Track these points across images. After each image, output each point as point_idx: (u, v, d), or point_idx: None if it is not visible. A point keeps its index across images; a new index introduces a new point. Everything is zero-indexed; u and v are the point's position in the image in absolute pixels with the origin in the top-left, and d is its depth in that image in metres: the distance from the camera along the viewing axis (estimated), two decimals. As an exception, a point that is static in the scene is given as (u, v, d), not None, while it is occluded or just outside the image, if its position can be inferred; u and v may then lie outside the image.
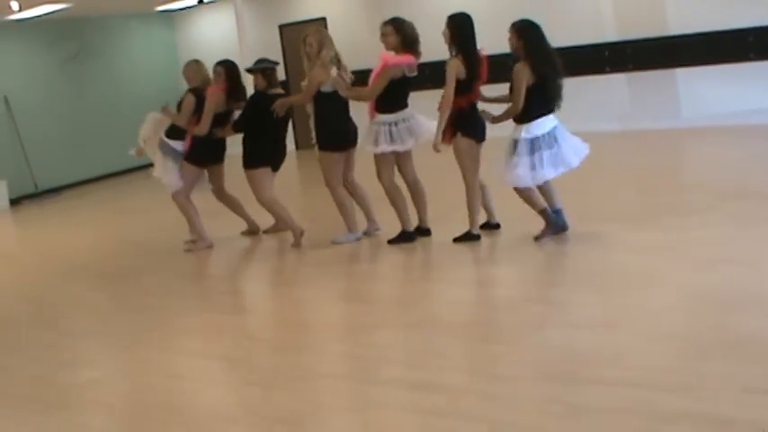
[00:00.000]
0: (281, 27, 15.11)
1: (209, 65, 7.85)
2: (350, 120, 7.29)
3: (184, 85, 8.01)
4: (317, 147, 7.26)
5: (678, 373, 4.02)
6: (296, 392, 4.42)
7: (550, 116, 6.43)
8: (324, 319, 5.71)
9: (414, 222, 7.21)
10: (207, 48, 14.83)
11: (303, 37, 7.14)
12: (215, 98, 7.64)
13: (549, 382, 4.10)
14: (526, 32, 6.34)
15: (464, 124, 6.65)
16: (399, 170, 7.20)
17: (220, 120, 7.74)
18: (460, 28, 6.58)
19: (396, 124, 6.91)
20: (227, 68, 7.76)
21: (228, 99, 7.76)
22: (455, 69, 6.50)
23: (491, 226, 7.11)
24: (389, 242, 7.14)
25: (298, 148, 14.56)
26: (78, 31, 14.43)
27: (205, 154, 7.86)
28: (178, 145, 7.87)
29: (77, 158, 13.92)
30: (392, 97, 6.88)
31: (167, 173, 7.93)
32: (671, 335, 4.53)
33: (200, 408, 4.47)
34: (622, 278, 5.56)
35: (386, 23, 6.92)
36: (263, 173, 7.60)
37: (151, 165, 8.27)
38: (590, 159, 6.50)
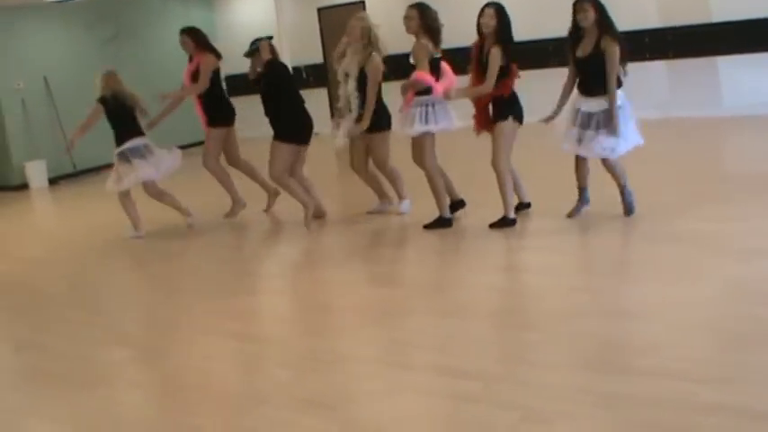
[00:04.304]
0: (320, 10, 15.10)
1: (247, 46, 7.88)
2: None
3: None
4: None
5: (714, 364, 3.98)
6: (327, 375, 4.43)
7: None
8: (356, 303, 5.71)
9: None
10: (245, 30, 14.86)
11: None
12: (207, 62, 8.14)
13: (582, 371, 4.07)
14: (602, 7, 6.35)
15: (514, 109, 6.72)
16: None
17: (215, 78, 8.24)
18: (505, 17, 6.62)
19: (433, 105, 6.93)
20: (190, 34, 8.27)
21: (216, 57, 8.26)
22: (499, 58, 6.53)
23: (523, 206, 7.15)
24: (425, 227, 7.13)
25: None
26: (117, 13, 14.52)
27: (223, 114, 8.25)
28: (133, 143, 8.10)
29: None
30: None
31: (141, 170, 8.11)
32: (706, 326, 4.48)
33: (232, 389, 4.49)
34: (658, 268, 5.51)
35: (411, 7, 6.99)
36: (289, 149, 7.66)
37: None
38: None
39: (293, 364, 4.70)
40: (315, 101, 15.18)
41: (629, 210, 6.67)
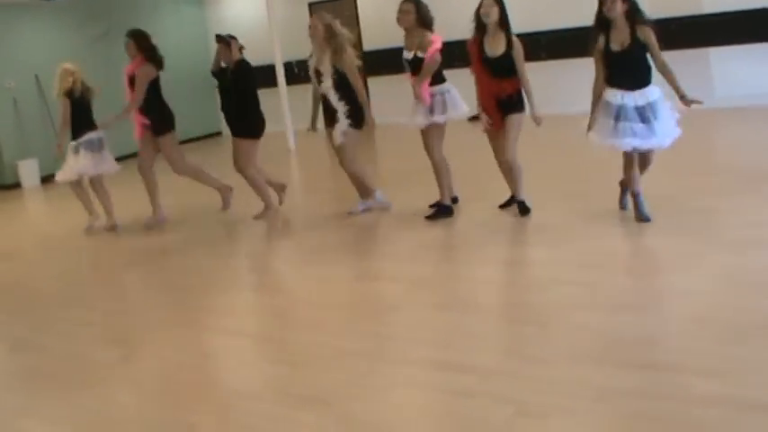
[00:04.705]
0: (311, 5, 15.07)
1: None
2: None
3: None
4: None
5: (712, 356, 3.98)
6: (324, 371, 4.42)
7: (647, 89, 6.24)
8: (352, 299, 5.70)
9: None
10: (236, 25, 14.82)
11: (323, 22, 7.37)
12: (145, 73, 8.04)
13: (579, 365, 4.07)
14: None
15: (524, 102, 6.79)
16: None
17: (153, 87, 8.15)
18: (504, 6, 6.69)
19: (449, 92, 7.13)
20: (135, 38, 8.20)
21: (156, 67, 8.16)
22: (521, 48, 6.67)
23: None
24: (428, 218, 7.17)
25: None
26: (108, 10, 14.48)
27: (170, 120, 8.27)
28: (89, 136, 8.49)
29: (107, 137, 13.96)
30: (440, 68, 7.10)
31: (81, 162, 8.48)
32: (704, 318, 4.48)
33: (229, 385, 4.48)
34: (654, 260, 5.52)
35: (407, 1, 7.09)
36: (255, 144, 8.02)
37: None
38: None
39: (288, 360, 4.70)
40: (306, 96, 15.20)
41: (628, 207, 6.58)
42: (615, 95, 6.19)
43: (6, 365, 5.36)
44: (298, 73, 14.50)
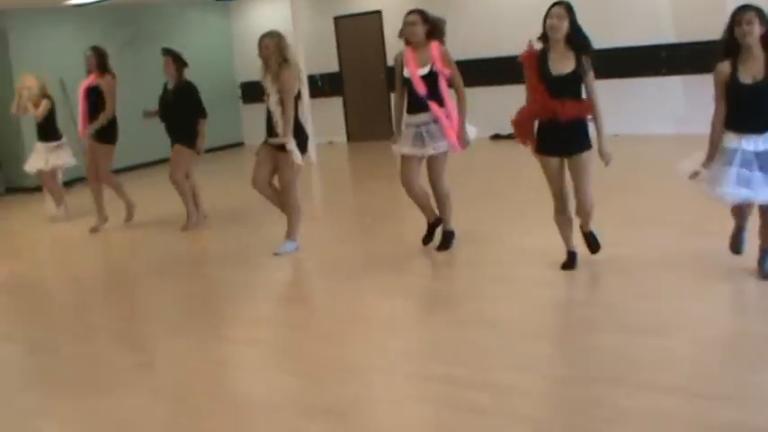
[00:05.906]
0: (336, 19, 15.12)
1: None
2: None
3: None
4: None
5: (729, 382, 3.96)
6: (340, 384, 4.42)
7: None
8: (370, 313, 5.69)
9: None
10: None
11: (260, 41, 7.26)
12: (112, 84, 8.99)
13: (596, 385, 4.05)
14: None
15: (589, 137, 5.74)
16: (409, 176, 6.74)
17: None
18: (575, 17, 5.53)
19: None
20: (97, 54, 9.28)
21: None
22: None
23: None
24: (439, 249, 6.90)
25: (349, 139, 14.57)
26: (135, 17, 14.58)
27: (116, 132, 9.05)
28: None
29: (133, 143, 14.00)
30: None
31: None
32: (723, 343, 4.46)
33: (245, 395, 4.49)
34: (674, 284, 5.47)
35: (412, 13, 6.53)
36: (193, 155, 8.53)
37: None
38: (642, 162, 6.36)
39: (304, 371, 4.70)
40: (330, 109, 15.30)
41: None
42: (732, 140, 5.22)
43: (23, 366, 5.39)
44: (322, 86, 14.56)
